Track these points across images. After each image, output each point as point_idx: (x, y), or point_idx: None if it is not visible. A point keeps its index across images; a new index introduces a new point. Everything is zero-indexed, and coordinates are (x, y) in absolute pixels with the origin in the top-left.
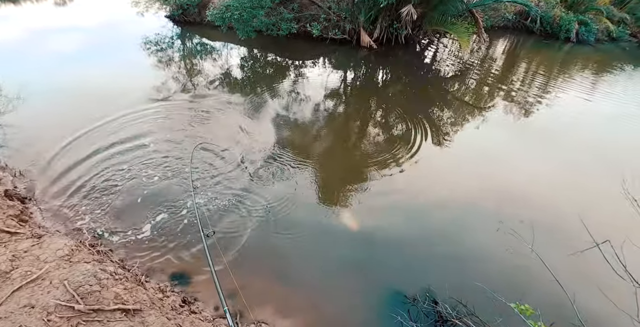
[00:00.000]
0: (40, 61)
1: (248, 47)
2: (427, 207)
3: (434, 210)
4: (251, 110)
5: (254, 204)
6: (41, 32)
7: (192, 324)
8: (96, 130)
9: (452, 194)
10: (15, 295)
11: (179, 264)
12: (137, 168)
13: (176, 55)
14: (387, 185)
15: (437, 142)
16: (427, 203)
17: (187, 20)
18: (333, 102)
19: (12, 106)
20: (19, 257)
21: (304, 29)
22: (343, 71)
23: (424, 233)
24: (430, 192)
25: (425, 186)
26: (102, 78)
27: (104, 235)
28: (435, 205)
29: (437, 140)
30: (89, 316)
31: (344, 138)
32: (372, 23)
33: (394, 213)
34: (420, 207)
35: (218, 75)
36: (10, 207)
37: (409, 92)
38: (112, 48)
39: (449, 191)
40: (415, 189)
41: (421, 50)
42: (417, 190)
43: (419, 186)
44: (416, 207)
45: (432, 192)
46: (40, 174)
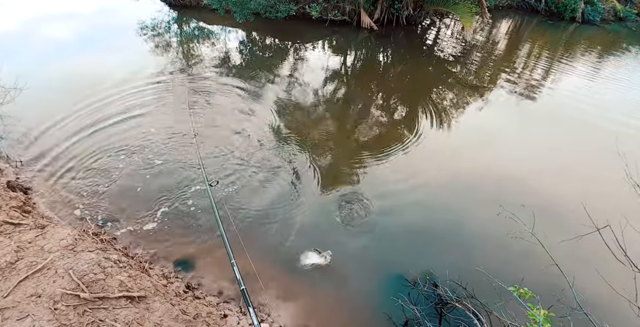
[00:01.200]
0: (36, 50)
1: (246, 30)
2: (428, 190)
3: (434, 193)
4: (251, 93)
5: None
6: (35, 19)
7: (196, 309)
8: (94, 117)
9: (453, 177)
10: (22, 285)
11: (185, 244)
12: (142, 155)
13: (173, 39)
14: (386, 168)
15: (438, 125)
16: (427, 186)
17: (183, 3)
18: (333, 85)
19: (10, 97)
20: (23, 248)
21: (302, 11)
22: (343, 53)
23: (424, 217)
24: (430, 176)
25: (425, 169)
26: (98, 65)
27: (107, 223)
28: (435, 188)
29: (438, 123)
30: (94, 303)
31: (344, 121)
32: (372, 4)
33: (394, 197)
34: (420, 190)
35: (216, 58)
36: (13, 199)
37: (410, 74)
38: (108, 34)
39: (449, 174)
40: (416, 172)
41: (422, 32)
42: (417, 173)
43: (419, 169)
44: (416, 190)
45: (432, 175)
46: (41, 164)
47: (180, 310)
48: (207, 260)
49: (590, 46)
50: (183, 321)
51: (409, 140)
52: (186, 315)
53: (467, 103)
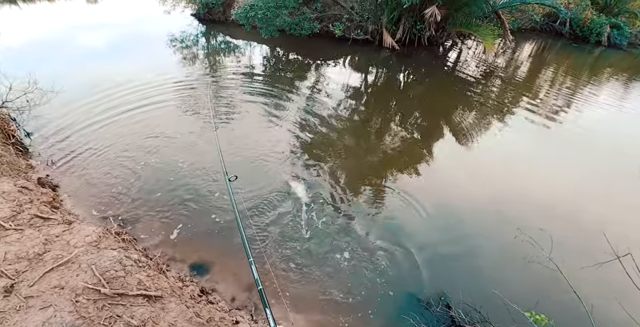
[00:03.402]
0: (72, 56)
1: (271, 46)
2: (444, 209)
3: (451, 213)
4: (272, 105)
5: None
6: (73, 28)
7: (209, 313)
8: (123, 123)
9: (471, 198)
10: (47, 276)
11: (202, 249)
12: (163, 159)
13: (201, 52)
14: (403, 186)
15: (457, 145)
16: (444, 206)
17: (211, 18)
18: (353, 102)
19: (47, 98)
20: (51, 241)
21: (326, 29)
22: (364, 72)
23: (439, 236)
24: (447, 195)
25: (443, 188)
26: (128, 72)
27: (128, 224)
28: (451, 208)
29: (458, 143)
30: (113, 299)
31: (363, 138)
32: (394, 24)
33: (409, 214)
34: (437, 209)
35: (241, 71)
36: (44, 194)
37: (430, 95)
38: (139, 43)
39: (467, 194)
40: (433, 191)
41: (444, 52)
42: (434, 192)
43: (436, 188)
44: (433, 209)
45: (449, 195)
46: (69, 163)
47: (195, 313)
48: (223, 267)
49: (616, 71)
50: (197, 323)
51: (426, 159)
52: (200, 318)
53: (487, 125)
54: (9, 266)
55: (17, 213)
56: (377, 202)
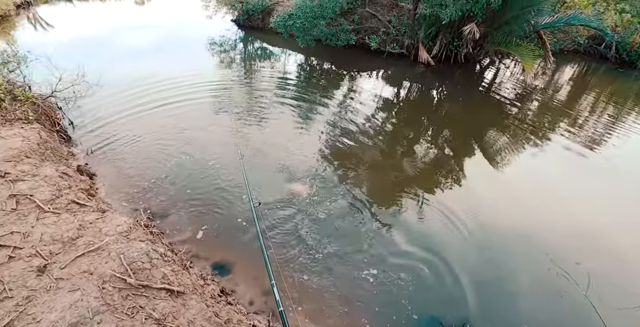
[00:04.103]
0: (117, 53)
1: (306, 54)
2: (474, 235)
3: (481, 238)
4: (304, 111)
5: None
6: (120, 27)
7: (228, 314)
8: (159, 118)
9: (503, 222)
10: (78, 260)
11: (225, 250)
12: (194, 157)
13: (238, 56)
14: (431, 208)
15: (490, 166)
16: (474, 231)
17: (251, 25)
18: (384, 116)
19: (92, 91)
20: (84, 227)
21: (362, 41)
22: (398, 86)
23: (469, 261)
24: (478, 220)
25: (474, 213)
26: (167, 70)
27: (156, 218)
28: (483, 233)
29: (490, 164)
30: (137, 290)
31: (392, 151)
32: (431, 39)
33: (438, 237)
34: (466, 234)
35: (275, 77)
36: (82, 182)
37: (464, 113)
38: (180, 45)
39: (499, 218)
40: (463, 215)
41: (481, 70)
42: (464, 216)
43: (466, 212)
44: (462, 234)
45: (480, 220)
46: (107, 154)
47: (214, 312)
48: (244, 269)
49: None
50: (215, 323)
51: (456, 178)
52: (218, 318)
53: (521, 148)
54: (44, 247)
55: (56, 197)
56: (406, 217)
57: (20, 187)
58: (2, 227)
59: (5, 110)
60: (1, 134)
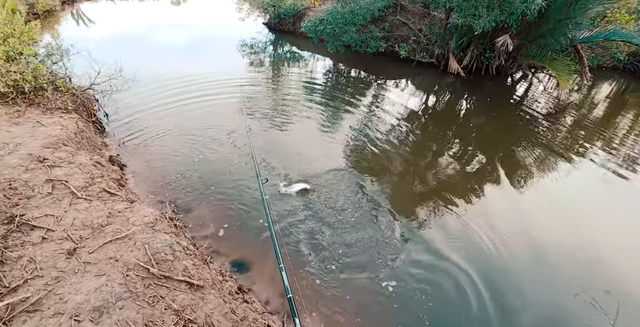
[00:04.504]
0: (153, 50)
1: (335, 60)
2: (497, 255)
3: (506, 257)
4: (329, 116)
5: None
6: (156, 25)
7: (244, 312)
8: (189, 115)
9: (531, 242)
10: (105, 247)
11: (245, 248)
12: (221, 154)
13: (267, 58)
14: (451, 225)
15: (516, 185)
16: (497, 251)
17: (282, 28)
18: (410, 125)
19: (127, 86)
20: (113, 215)
21: (391, 49)
22: (425, 95)
23: (493, 280)
24: (501, 240)
25: (497, 232)
26: (200, 68)
27: (179, 212)
28: (509, 252)
29: (516, 183)
30: (159, 280)
31: (417, 160)
32: (462, 50)
33: (457, 258)
34: (488, 254)
35: (302, 81)
36: (114, 172)
37: (493, 126)
38: (213, 45)
39: (527, 239)
40: (485, 235)
41: (512, 84)
42: (487, 236)
43: (489, 232)
44: (483, 253)
45: (503, 240)
46: (137, 147)
47: (230, 309)
48: (262, 269)
49: None
50: (231, 319)
51: (483, 194)
52: (235, 315)
53: (552, 167)
54: (75, 231)
55: (89, 185)
56: (428, 228)
57: (56, 172)
58: (38, 209)
59: (47, 100)
60: (42, 122)
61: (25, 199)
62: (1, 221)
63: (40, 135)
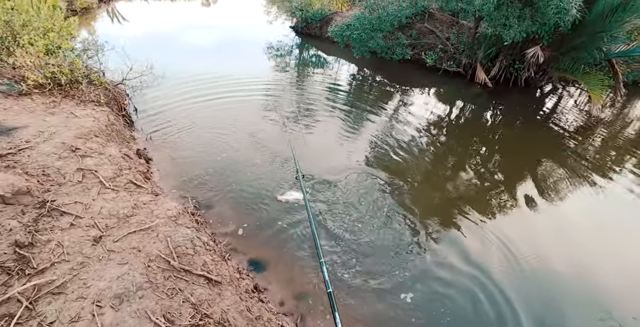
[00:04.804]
0: (182, 48)
1: (360, 65)
2: (519, 272)
3: (525, 278)
4: (351, 121)
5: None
6: (186, 25)
7: (259, 311)
8: (215, 112)
9: (554, 262)
10: (129, 237)
11: (264, 247)
12: (244, 152)
13: (293, 61)
14: (473, 238)
15: (541, 202)
16: (520, 269)
17: (308, 32)
18: (433, 134)
19: (157, 82)
20: (139, 207)
21: (417, 57)
22: (450, 105)
23: (510, 301)
24: (523, 259)
25: (518, 250)
26: (226, 70)
27: (201, 208)
28: (529, 273)
29: (542, 200)
30: (179, 273)
31: (436, 172)
32: (490, 60)
33: (477, 278)
34: (510, 271)
35: (326, 85)
36: (140, 165)
37: (518, 139)
38: (240, 47)
39: (545, 260)
40: (505, 252)
41: (541, 96)
42: (507, 253)
43: (511, 248)
44: (504, 270)
45: (525, 258)
46: (163, 142)
47: (246, 307)
48: (278, 269)
49: None
50: (246, 317)
51: (504, 211)
52: (250, 313)
53: (579, 185)
54: (101, 220)
55: (117, 176)
56: (448, 238)
57: (87, 162)
58: (68, 196)
59: (81, 92)
60: (76, 113)
61: (56, 185)
62: (33, 205)
63: (73, 125)
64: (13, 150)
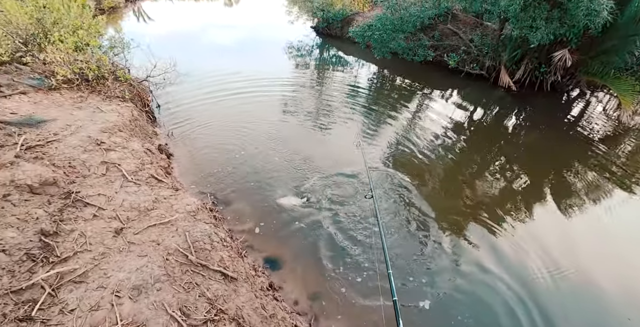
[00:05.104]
0: (205, 47)
1: (380, 66)
2: (543, 284)
3: (548, 289)
4: (371, 122)
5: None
6: (209, 25)
7: (273, 309)
8: (235, 110)
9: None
10: (149, 230)
11: (280, 246)
12: (262, 150)
13: (313, 61)
14: (494, 246)
15: (563, 211)
16: (543, 280)
17: (329, 33)
18: (454, 138)
19: (180, 80)
20: (159, 201)
21: (439, 58)
22: (472, 108)
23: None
24: (546, 268)
25: (543, 259)
26: (247, 68)
27: (219, 204)
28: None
29: (565, 209)
30: (196, 268)
31: (457, 176)
32: (515, 63)
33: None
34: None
35: (346, 85)
36: (162, 160)
37: (542, 146)
38: (261, 46)
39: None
40: (532, 261)
41: (568, 101)
42: (533, 261)
43: (535, 258)
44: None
45: (548, 268)
46: (184, 138)
47: (261, 304)
48: (294, 268)
49: None
50: (260, 315)
51: (526, 219)
52: (264, 311)
53: (608, 193)
54: (123, 212)
55: (139, 170)
56: (469, 244)
57: (111, 156)
58: (92, 188)
59: (107, 88)
60: (102, 108)
61: (81, 177)
62: (59, 196)
63: (99, 120)
64: (42, 143)
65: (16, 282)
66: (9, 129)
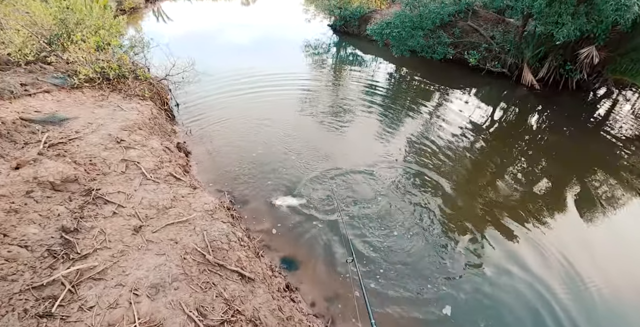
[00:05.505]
0: (222, 46)
1: (398, 64)
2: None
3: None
4: (388, 120)
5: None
6: (226, 24)
7: (290, 311)
8: (253, 109)
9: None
10: (167, 228)
11: (297, 246)
12: (278, 149)
13: (330, 59)
14: (510, 256)
15: (589, 214)
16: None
17: (346, 31)
18: (474, 137)
19: (198, 79)
20: (177, 199)
21: (459, 56)
22: (493, 107)
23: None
24: (569, 273)
25: (565, 264)
26: (267, 67)
27: (236, 203)
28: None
29: (590, 212)
30: (213, 267)
31: (477, 177)
32: (539, 60)
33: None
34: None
35: (364, 83)
36: (180, 158)
37: (567, 147)
38: (278, 45)
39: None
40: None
41: (594, 101)
42: (554, 267)
43: (556, 264)
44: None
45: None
46: (202, 137)
47: (278, 306)
48: (311, 269)
49: None
50: (277, 317)
51: (548, 222)
52: (281, 313)
53: (633, 197)
54: (142, 210)
55: (158, 168)
56: (489, 248)
57: (130, 154)
58: (112, 185)
59: (127, 87)
60: (122, 106)
61: (102, 175)
62: (80, 193)
63: (119, 118)
64: (64, 140)
65: (37, 278)
66: (33, 127)
